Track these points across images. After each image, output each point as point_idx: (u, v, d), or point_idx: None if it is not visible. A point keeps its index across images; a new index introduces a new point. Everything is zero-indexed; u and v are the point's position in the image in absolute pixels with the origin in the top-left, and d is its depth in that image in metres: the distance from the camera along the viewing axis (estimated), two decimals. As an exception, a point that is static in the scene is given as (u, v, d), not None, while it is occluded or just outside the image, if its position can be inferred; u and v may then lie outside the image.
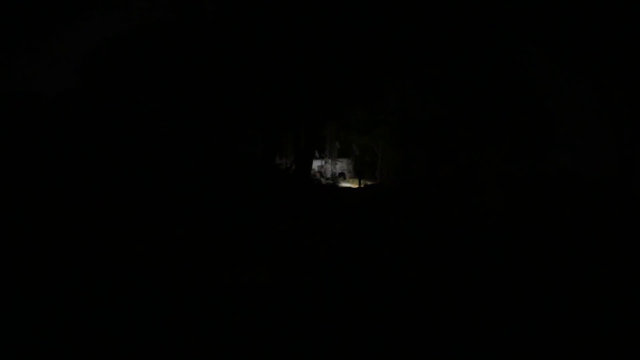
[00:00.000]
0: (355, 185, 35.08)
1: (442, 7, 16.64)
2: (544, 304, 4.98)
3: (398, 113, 33.22)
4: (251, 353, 3.60)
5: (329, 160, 45.56)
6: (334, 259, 7.03)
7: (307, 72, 19.48)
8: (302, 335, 3.95)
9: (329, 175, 41.63)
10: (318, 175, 38.92)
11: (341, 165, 47.00)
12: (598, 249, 8.59)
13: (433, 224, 12.21)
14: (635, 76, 17.79)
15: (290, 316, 4.40)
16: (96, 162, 14.18)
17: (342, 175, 43.13)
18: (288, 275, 5.94)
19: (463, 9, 16.32)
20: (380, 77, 21.00)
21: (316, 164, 40.06)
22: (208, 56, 18.24)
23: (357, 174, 41.20)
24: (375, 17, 17.54)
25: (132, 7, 18.20)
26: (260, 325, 4.14)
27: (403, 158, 34.87)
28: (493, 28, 16.38)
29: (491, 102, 17.53)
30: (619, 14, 16.10)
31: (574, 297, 5.24)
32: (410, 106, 31.63)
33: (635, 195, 17.99)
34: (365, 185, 33.58)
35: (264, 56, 18.90)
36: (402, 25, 17.50)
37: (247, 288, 5.27)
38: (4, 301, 4.45)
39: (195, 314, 4.36)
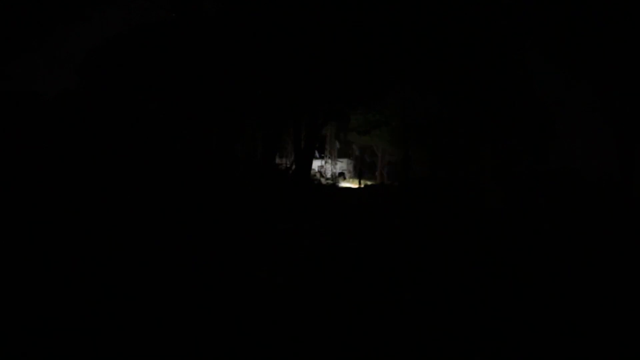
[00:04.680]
0: (355, 185, 34.98)
1: (443, 8, 16.66)
2: (544, 303, 5.00)
3: (398, 113, 33.21)
4: (252, 352, 3.61)
5: (329, 160, 45.54)
6: (334, 258, 7.05)
7: (308, 72, 19.48)
8: (303, 334, 3.96)
9: (329, 175, 41.60)
10: (318, 175, 38.82)
11: (341, 165, 46.96)
12: (598, 248, 8.62)
13: (433, 223, 12.24)
14: (635, 76, 17.80)
15: (291, 315, 4.41)
16: (95, 162, 14.19)
17: (342, 175, 43.05)
18: (289, 274, 5.96)
19: (463, 10, 16.35)
20: (380, 78, 21.00)
21: (316, 164, 40.01)
22: (208, 56, 18.24)
23: (357, 174, 41.08)
24: (376, 17, 17.56)
25: (132, 7, 18.19)
26: (261, 323, 4.15)
27: (403, 158, 34.83)
28: (493, 29, 16.40)
29: (491, 102, 17.55)
30: (618, 14, 16.12)
31: (574, 297, 5.26)
32: (410, 106, 31.63)
33: (635, 195, 18.01)
34: (365, 185, 33.48)
35: (265, 56, 18.91)
36: (402, 26, 17.52)
37: (248, 287, 5.28)
38: (4, 301, 4.47)
39: (196, 313, 4.38)
